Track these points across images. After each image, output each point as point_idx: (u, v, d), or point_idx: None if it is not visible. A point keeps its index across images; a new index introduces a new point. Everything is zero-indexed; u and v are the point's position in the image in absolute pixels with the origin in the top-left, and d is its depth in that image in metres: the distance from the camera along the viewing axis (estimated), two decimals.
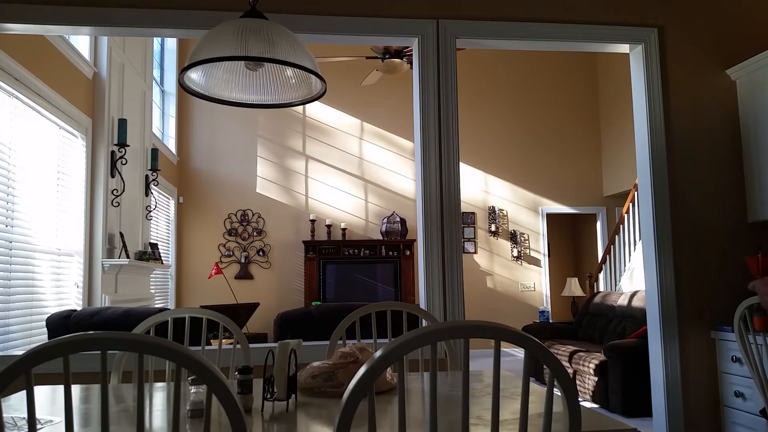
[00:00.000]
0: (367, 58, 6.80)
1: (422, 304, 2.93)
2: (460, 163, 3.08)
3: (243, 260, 8.63)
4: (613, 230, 8.12)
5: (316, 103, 8.72)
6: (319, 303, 7.45)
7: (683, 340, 3.04)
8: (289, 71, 2.08)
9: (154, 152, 6.43)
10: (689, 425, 3.00)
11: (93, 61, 5.24)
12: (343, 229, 8.81)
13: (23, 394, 1.84)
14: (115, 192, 5.37)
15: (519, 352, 8.91)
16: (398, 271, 8.77)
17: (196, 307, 3.81)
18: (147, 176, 6.50)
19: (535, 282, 9.20)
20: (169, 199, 8.18)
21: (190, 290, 8.52)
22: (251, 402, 1.57)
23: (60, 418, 1.52)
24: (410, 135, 8.99)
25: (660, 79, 3.16)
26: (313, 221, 8.76)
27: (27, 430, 1.06)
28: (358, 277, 8.70)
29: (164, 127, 8.34)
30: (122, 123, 5.24)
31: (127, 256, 5.56)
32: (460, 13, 3.05)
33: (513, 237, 9.21)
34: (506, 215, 9.23)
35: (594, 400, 5.34)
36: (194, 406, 1.51)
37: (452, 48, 3.01)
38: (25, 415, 1.51)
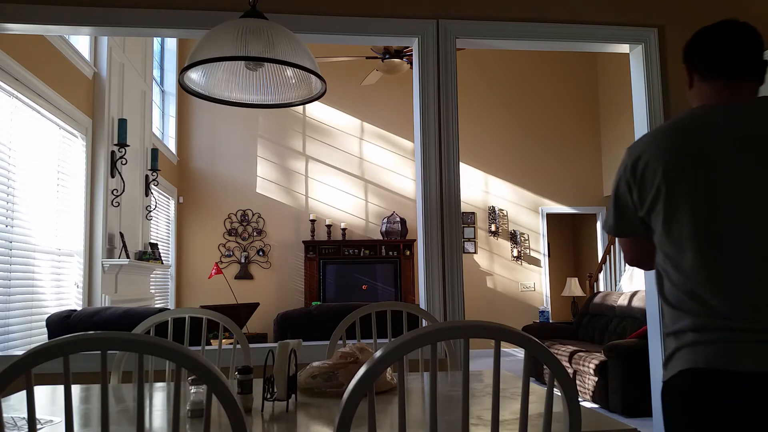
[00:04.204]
0: (367, 58, 6.79)
1: (422, 304, 2.93)
2: (460, 163, 3.08)
3: (243, 260, 8.63)
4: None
5: (316, 103, 8.70)
6: (319, 303, 7.45)
7: None
8: (289, 71, 2.08)
9: (154, 152, 6.43)
10: None
11: (93, 61, 5.24)
12: (343, 229, 8.81)
13: (23, 394, 1.84)
14: (115, 192, 5.37)
15: (519, 352, 8.90)
16: (398, 271, 8.77)
17: (196, 307, 3.81)
18: (147, 176, 6.50)
19: (535, 282, 9.20)
20: (169, 199, 8.18)
21: (190, 290, 8.52)
22: (251, 402, 1.57)
23: (60, 418, 1.52)
24: (410, 135, 8.98)
25: (660, 79, 3.15)
26: (313, 221, 8.75)
27: (27, 430, 1.06)
28: (358, 277, 8.70)
29: (164, 127, 8.34)
30: (122, 123, 5.24)
31: (127, 256, 5.56)
32: (460, 13, 3.05)
33: (513, 237, 9.21)
34: (506, 215, 9.23)
35: (594, 400, 5.34)
36: (194, 406, 1.51)
37: (452, 48, 3.01)
38: (25, 415, 1.51)
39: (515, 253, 9.16)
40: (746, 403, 1.27)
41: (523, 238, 9.23)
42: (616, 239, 1.74)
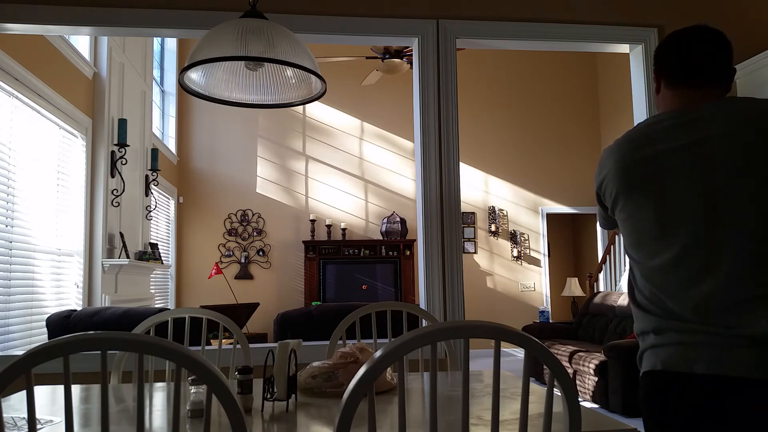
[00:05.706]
0: (367, 58, 6.79)
1: (422, 304, 2.93)
2: (460, 163, 3.08)
3: (243, 260, 8.63)
4: (613, 230, 8.11)
5: (316, 103, 8.72)
6: (319, 303, 7.45)
7: None
8: (289, 71, 2.08)
9: (154, 152, 6.43)
10: None
11: (93, 61, 5.24)
12: (343, 229, 8.81)
13: (23, 394, 1.84)
14: (115, 192, 5.37)
15: (519, 352, 8.90)
16: (398, 271, 8.77)
17: (196, 307, 3.81)
18: (147, 176, 6.50)
19: (535, 282, 9.20)
20: (169, 199, 8.18)
21: (190, 290, 8.52)
22: (251, 402, 1.57)
23: (60, 418, 1.52)
24: (410, 135, 8.99)
25: None
26: (313, 221, 8.75)
27: (27, 430, 1.06)
28: (358, 277, 8.70)
29: (164, 127, 8.34)
30: (122, 123, 5.24)
31: (127, 256, 5.56)
32: (460, 13, 3.05)
33: (513, 237, 9.20)
34: (506, 215, 9.23)
35: (594, 400, 5.34)
36: (194, 406, 1.51)
37: (452, 48, 3.01)
38: (25, 415, 1.51)
39: (515, 253, 9.15)
40: (700, 404, 1.28)
41: (523, 238, 9.23)
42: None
